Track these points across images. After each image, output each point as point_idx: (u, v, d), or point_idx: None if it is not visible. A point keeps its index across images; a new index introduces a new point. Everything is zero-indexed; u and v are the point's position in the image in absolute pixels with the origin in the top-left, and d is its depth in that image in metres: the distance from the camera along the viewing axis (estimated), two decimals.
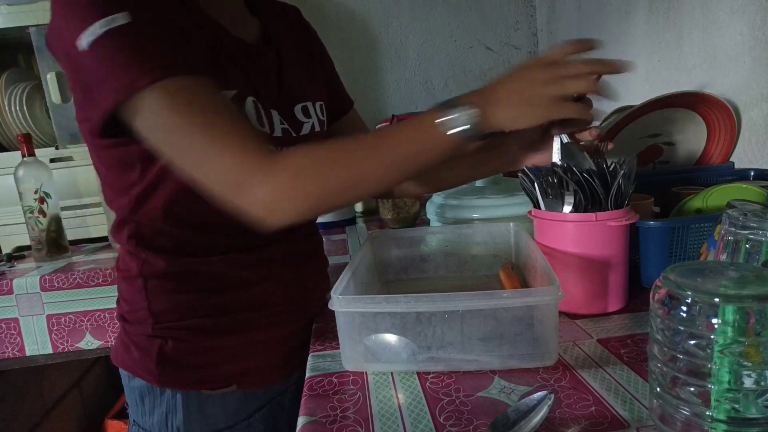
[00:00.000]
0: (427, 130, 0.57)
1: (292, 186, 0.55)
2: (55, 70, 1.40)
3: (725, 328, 0.37)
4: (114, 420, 1.68)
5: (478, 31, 2.09)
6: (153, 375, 0.68)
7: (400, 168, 0.58)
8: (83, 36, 0.53)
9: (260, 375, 0.75)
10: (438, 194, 1.01)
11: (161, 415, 0.70)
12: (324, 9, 2.01)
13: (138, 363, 0.69)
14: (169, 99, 0.53)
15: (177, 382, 0.69)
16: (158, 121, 0.54)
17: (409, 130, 0.58)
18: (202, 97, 0.55)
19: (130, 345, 0.70)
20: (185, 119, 0.54)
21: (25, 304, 1.19)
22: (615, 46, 1.45)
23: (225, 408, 0.72)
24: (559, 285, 0.54)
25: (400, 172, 0.58)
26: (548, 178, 0.70)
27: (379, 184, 0.58)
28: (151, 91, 0.53)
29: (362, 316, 0.58)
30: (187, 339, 0.68)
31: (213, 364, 0.70)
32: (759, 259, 0.49)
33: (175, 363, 0.68)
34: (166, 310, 0.68)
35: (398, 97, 2.09)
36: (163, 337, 0.68)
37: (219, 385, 0.71)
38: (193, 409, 0.70)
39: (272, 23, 0.77)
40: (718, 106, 1.00)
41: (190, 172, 0.57)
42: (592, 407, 0.49)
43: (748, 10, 0.97)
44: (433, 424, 0.49)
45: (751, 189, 0.77)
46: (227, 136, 0.54)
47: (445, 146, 0.57)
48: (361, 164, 0.56)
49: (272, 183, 0.54)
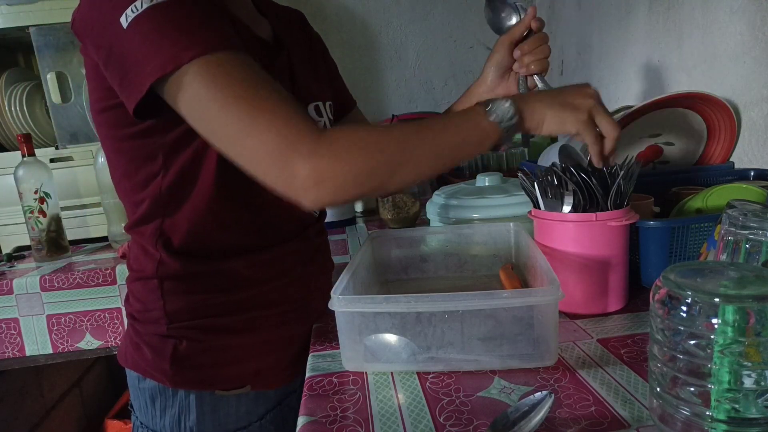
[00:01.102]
0: (476, 119, 0.59)
1: (336, 163, 0.53)
2: (55, 70, 1.40)
3: (725, 328, 0.37)
4: (114, 420, 1.68)
5: (478, 31, 2.09)
6: (166, 375, 0.68)
7: (446, 156, 0.59)
8: (128, 11, 0.52)
9: (272, 375, 0.75)
10: (438, 194, 1.01)
11: (173, 416, 0.69)
12: (324, 9, 2.01)
13: (150, 363, 0.69)
14: (213, 72, 0.53)
15: (191, 383, 0.69)
16: (202, 94, 0.53)
17: (458, 120, 0.60)
18: (247, 72, 0.54)
19: (141, 345, 0.70)
20: (230, 90, 0.53)
21: (25, 304, 1.19)
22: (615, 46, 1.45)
23: (238, 409, 0.72)
24: (559, 285, 0.54)
25: (444, 160, 0.59)
26: (547, 178, 0.70)
27: (423, 171, 0.58)
28: (195, 65, 0.52)
29: (362, 316, 0.58)
30: (201, 339, 0.68)
31: (227, 363, 0.70)
32: (759, 259, 0.49)
33: (189, 363, 0.68)
34: (181, 310, 0.68)
35: (398, 97, 2.09)
36: (178, 337, 0.68)
37: (233, 385, 0.71)
38: (206, 409, 0.70)
39: (278, 25, 0.78)
40: (718, 106, 1.00)
41: (230, 147, 0.55)
42: (592, 407, 0.49)
43: (748, 10, 0.97)
44: (433, 424, 0.49)
45: (751, 189, 0.77)
46: (273, 109, 0.53)
47: (491, 137, 0.59)
48: (410, 148, 0.56)
49: (316, 159, 0.52)
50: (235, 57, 0.54)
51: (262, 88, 0.54)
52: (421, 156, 0.57)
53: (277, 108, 0.53)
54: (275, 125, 0.53)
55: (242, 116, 0.53)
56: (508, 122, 0.59)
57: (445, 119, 0.62)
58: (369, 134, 0.56)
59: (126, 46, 0.54)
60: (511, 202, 0.91)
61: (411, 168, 0.57)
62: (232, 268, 0.69)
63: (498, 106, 0.59)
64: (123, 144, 0.65)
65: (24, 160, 1.27)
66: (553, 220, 0.69)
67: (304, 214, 0.77)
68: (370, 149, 0.55)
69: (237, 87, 0.53)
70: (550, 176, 0.69)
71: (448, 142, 0.59)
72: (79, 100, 1.42)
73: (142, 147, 0.64)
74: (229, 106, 0.53)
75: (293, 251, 0.74)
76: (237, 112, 0.53)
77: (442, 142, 0.58)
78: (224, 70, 0.53)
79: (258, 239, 0.70)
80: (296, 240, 0.75)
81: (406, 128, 0.58)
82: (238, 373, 0.71)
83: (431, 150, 0.58)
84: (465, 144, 0.60)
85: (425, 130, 0.58)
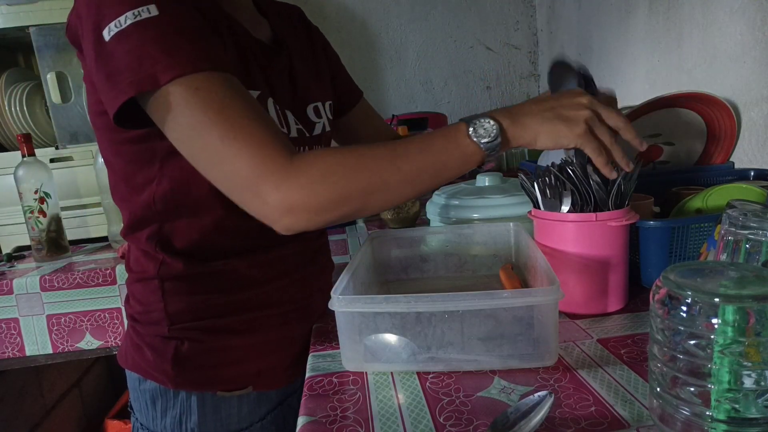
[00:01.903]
0: (457, 140, 0.57)
1: (307, 192, 0.53)
2: (55, 70, 1.40)
3: (725, 328, 0.37)
4: (114, 420, 1.68)
5: (478, 31, 2.09)
6: (168, 376, 0.68)
7: (425, 180, 0.57)
8: (111, 25, 0.52)
9: (274, 375, 0.74)
10: (438, 194, 1.01)
11: (174, 418, 0.69)
12: (324, 9, 2.01)
13: (151, 364, 0.69)
14: (190, 95, 0.52)
15: (192, 384, 0.69)
16: (178, 117, 0.53)
17: (439, 141, 0.57)
18: (225, 95, 0.54)
19: (142, 346, 0.69)
20: (205, 116, 0.53)
21: (25, 304, 1.19)
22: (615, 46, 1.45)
23: (240, 410, 0.71)
24: (559, 285, 0.54)
25: (423, 185, 0.57)
26: (547, 178, 0.70)
27: (402, 195, 0.57)
28: (173, 85, 0.52)
29: (362, 316, 0.58)
30: (202, 339, 0.68)
31: (228, 364, 0.70)
32: (759, 259, 0.49)
33: (191, 364, 0.68)
34: (182, 311, 0.68)
35: (398, 97, 2.09)
36: (179, 338, 0.67)
37: (235, 386, 0.70)
38: (208, 410, 0.69)
39: (278, 24, 0.78)
40: (718, 106, 1.00)
41: (207, 171, 0.56)
42: (592, 407, 0.49)
43: (748, 10, 0.97)
44: (433, 424, 0.49)
45: (751, 189, 0.77)
46: (246, 137, 0.53)
47: (474, 159, 0.57)
48: (386, 174, 0.55)
49: (286, 188, 0.52)
50: (214, 79, 0.54)
51: (237, 112, 0.54)
52: (398, 181, 0.56)
53: (251, 135, 0.53)
54: (247, 153, 0.52)
55: (216, 143, 0.53)
56: (490, 143, 0.56)
57: (425, 140, 0.58)
58: (344, 159, 0.55)
59: (107, 59, 0.54)
60: (511, 202, 0.91)
61: (387, 194, 0.56)
62: (233, 269, 0.69)
63: (480, 125, 0.56)
64: (120, 147, 0.65)
65: (24, 160, 1.27)
66: (553, 220, 0.69)
67: None
68: (343, 176, 0.54)
69: (211, 113, 0.53)
70: (550, 176, 0.69)
71: (427, 165, 0.56)
72: (79, 100, 1.42)
73: (139, 151, 0.64)
74: (204, 132, 0.53)
75: (294, 252, 0.74)
76: (210, 138, 0.53)
77: (421, 166, 0.56)
78: (201, 95, 0.53)
79: (259, 240, 0.70)
80: (297, 241, 0.74)
81: (383, 151, 0.56)
82: (240, 374, 0.71)
83: (408, 175, 0.56)
84: (445, 168, 0.57)
85: (402, 155, 0.56)
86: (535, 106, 0.59)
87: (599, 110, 0.60)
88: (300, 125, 0.72)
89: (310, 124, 0.75)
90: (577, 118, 0.58)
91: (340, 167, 0.54)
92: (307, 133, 0.73)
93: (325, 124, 0.78)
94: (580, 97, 0.60)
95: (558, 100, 0.59)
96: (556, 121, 0.58)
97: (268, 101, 0.67)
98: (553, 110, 0.58)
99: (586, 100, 0.59)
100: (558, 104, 0.59)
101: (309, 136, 0.74)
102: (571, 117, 0.58)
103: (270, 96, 0.68)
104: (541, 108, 0.59)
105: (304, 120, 0.74)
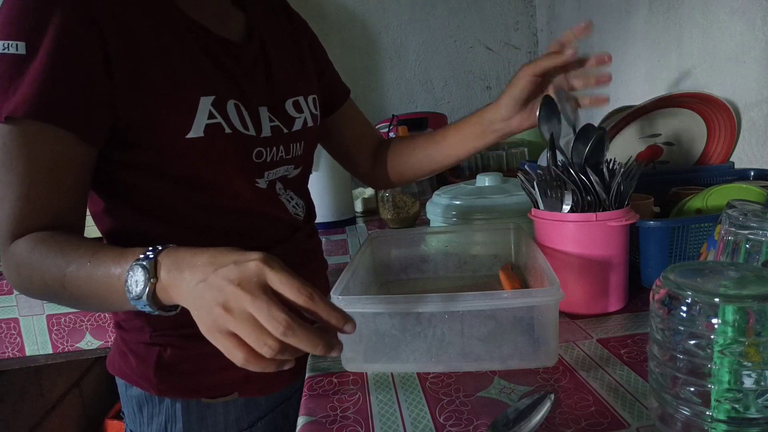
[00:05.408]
0: (119, 279, 0.50)
1: (7, 275, 0.58)
2: None
3: (725, 328, 0.37)
4: (114, 420, 1.68)
5: (478, 31, 2.09)
6: (151, 383, 0.67)
7: (93, 304, 0.57)
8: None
9: (262, 381, 0.73)
10: (439, 194, 1.01)
11: (160, 425, 0.69)
12: (324, 9, 2.01)
13: (135, 371, 0.68)
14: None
15: (176, 390, 0.68)
16: None
17: (107, 267, 0.51)
18: (13, 154, 0.55)
19: (127, 353, 0.69)
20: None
21: (25, 304, 1.19)
22: (615, 46, 1.45)
23: (226, 416, 0.71)
24: (559, 285, 0.54)
25: (93, 308, 0.60)
26: (547, 177, 0.70)
27: (81, 309, 0.59)
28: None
29: (362, 316, 0.58)
30: (184, 346, 0.67)
31: (212, 371, 0.69)
32: (759, 259, 0.49)
33: (174, 370, 0.67)
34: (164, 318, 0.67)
35: (398, 97, 2.09)
36: (162, 345, 0.67)
37: (220, 392, 0.70)
38: (193, 417, 0.69)
39: (257, 16, 0.75)
40: (718, 106, 1.01)
41: None
42: (592, 407, 0.49)
43: (748, 10, 0.97)
44: (433, 424, 0.49)
45: (751, 189, 0.77)
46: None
47: (133, 303, 0.49)
48: (55, 286, 0.54)
49: (2, 263, 0.57)
50: (19, 133, 0.54)
51: (12, 175, 0.55)
52: (69, 300, 0.57)
53: (3, 200, 0.56)
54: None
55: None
56: (137, 300, 0.48)
57: (97, 264, 0.51)
58: (30, 262, 0.55)
59: None
60: (511, 202, 0.91)
61: (66, 303, 0.58)
62: None
63: (133, 276, 0.48)
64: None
65: None
66: (553, 220, 0.69)
67: (288, 219, 0.75)
68: (26, 277, 0.56)
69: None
70: (550, 176, 0.69)
71: (91, 296, 0.54)
72: None
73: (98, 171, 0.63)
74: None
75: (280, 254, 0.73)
76: None
77: (86, 294, 0.53)
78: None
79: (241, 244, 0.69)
80: (283, 244, 0.73)
81: (58, 266, 0.53)
82: (225, 380, 0.70)
83: (76, 301, 0.56)
84: (110, 305, 0.55)
85: (73, 279, 0.52)
86: (205, 263, 0.46)
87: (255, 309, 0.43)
88: (276, 121, 0.70)
89: (289, 120, 0.72)
90: (230, 308, 0.43)
91: (24, 269, 0.56)
92: (285, 129, 0.71)
93: (306, 119, 0.75)
94: (223, 289, 0.44)
95: (227, 273, 0.45)
96: (211, 303, 0.44)
97: (228, 104, 0.64)
98: (212, 287, 0.44)
99: (226, 298, 0.43)
100: (225, 277, 0.44)
101: (287, 132, 0.71)
102: (226, 303, 0.43)
103: (233, 97, 0.65)
104: (209, 265, 0.46)
105: (282, 116, 0.71)
